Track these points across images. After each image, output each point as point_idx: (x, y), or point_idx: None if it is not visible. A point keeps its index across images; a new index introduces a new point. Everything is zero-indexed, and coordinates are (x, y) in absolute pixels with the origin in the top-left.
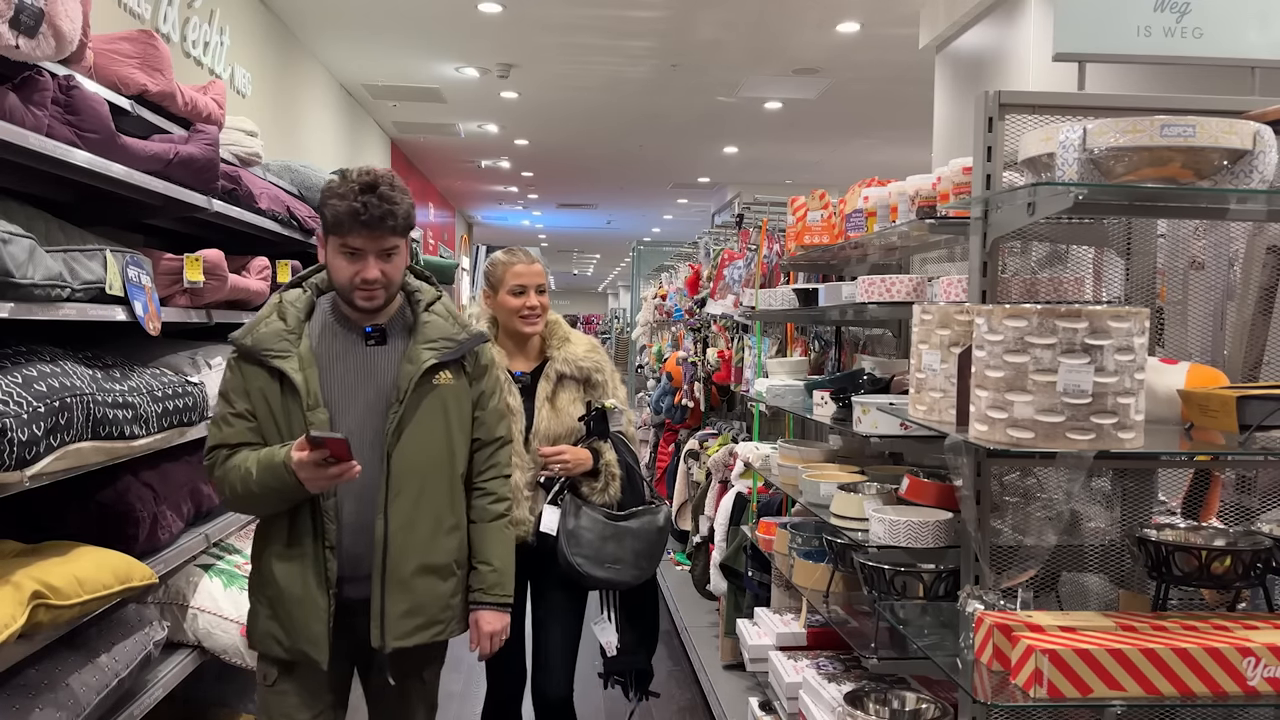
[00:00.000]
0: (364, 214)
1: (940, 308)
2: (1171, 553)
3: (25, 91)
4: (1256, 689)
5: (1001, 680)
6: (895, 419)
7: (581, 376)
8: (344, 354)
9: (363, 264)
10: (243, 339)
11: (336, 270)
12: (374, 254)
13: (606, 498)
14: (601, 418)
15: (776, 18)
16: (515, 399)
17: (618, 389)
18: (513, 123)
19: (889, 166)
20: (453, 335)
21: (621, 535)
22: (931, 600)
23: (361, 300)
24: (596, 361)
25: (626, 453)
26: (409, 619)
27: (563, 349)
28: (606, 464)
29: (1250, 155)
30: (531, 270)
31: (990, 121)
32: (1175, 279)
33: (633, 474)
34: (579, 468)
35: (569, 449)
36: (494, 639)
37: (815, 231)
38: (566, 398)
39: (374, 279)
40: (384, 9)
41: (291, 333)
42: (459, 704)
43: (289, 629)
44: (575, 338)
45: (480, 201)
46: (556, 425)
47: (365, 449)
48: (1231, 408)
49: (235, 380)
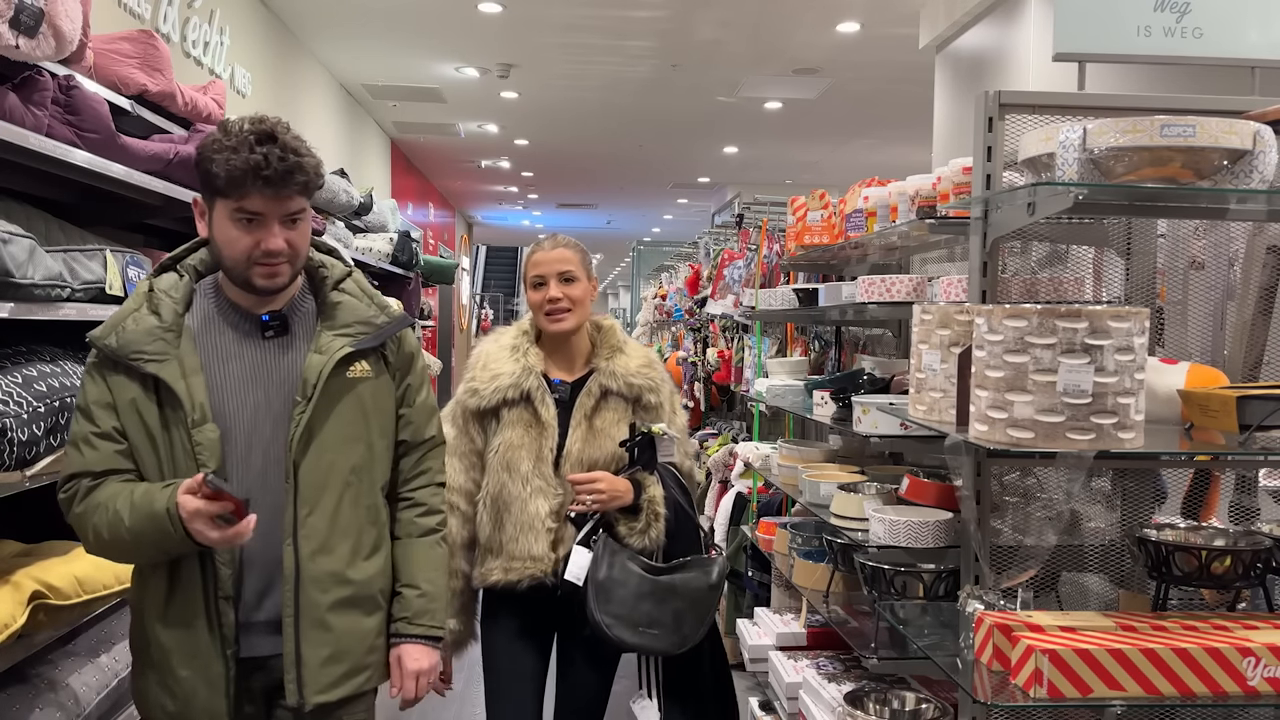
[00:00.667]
0: (266, 168)
1: (940, 308)
2: (1171, 553)
3: (25, 91)
4: (1256, 689)
5: (1001, 680)
6: (895, 419)
7: (631, 395)
8: (235, 351)
9: (264, 232)
10: (104, 339)
11: (229, 243)
12: (277, 219)
13: (646, 542)
14: (648, 444)
15: (776, 18)
16: (549, 410)
17: (675, 414)
18: (513, 123)
19: (889, 166)
20: (369, 318)
21: (663, 593)
22: (931, 600)
23: (262, 279)
24: (651, 379)
25: (677, 490)
26: (332, 666)
27: (612, 360)
28: (649, 500)
29: (1250, 155)
30: (551, 257)
31: (990, 121)
32: (1175, 279)
33: (683, 516)
34: (615, 501)
35: (605, 477)
36: (420, 679)
37: (815, 231)
38: (610, 418)
39: (279, 250)
40: (384, 9)
41: (168, 330)
42: (459, 704)
43: (182, 704)
44: (631, 349)
45: (480, 201)
46: (593, 449)
47: (269, 464)
48: (1231, 408)
49: (97, 391)
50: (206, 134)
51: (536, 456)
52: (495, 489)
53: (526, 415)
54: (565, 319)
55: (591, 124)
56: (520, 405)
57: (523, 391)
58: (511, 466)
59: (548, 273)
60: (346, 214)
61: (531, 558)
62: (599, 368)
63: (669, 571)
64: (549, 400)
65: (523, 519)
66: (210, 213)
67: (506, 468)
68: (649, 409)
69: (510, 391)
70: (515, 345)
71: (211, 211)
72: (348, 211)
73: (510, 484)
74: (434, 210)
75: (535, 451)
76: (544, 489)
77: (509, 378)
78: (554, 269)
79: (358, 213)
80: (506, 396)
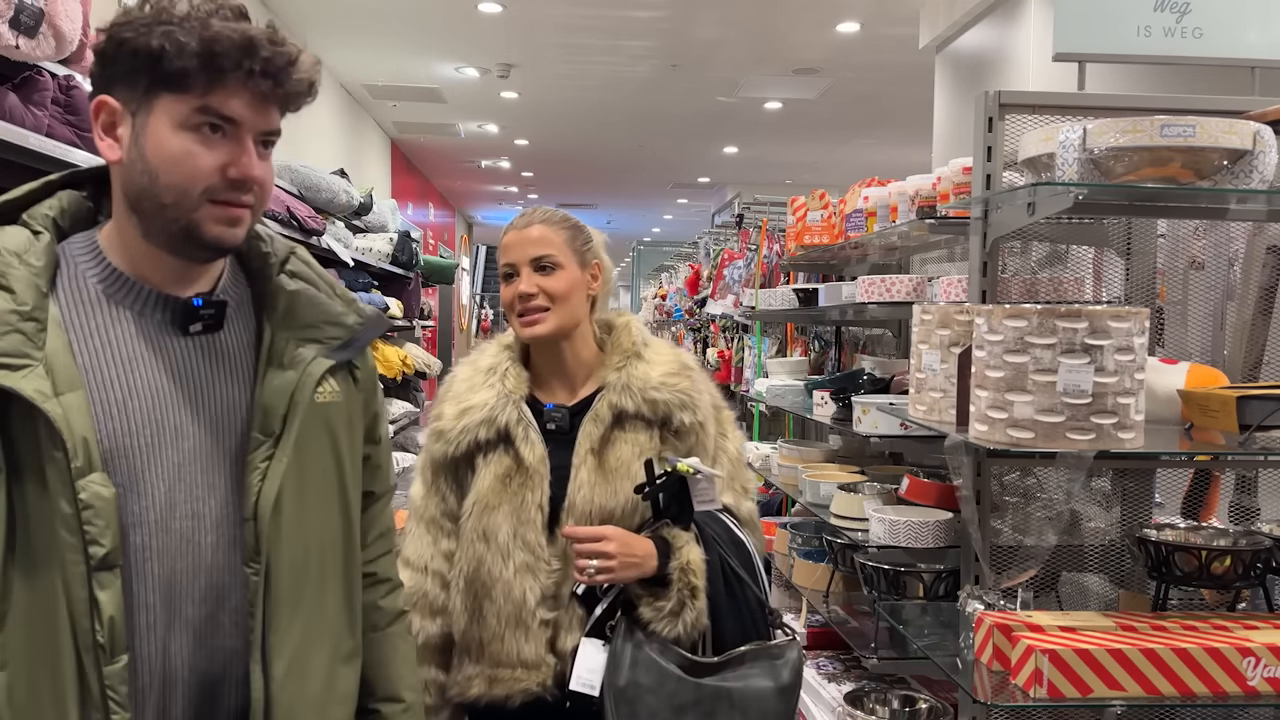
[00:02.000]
0: (267, 50)
1: (940, 308)
2: (1171, 553)
3: (25, 91)
4: (1256, 689)
5: (1001, 680)
6: (895, 419)
7: (656, 416)
8: (139, 353)
9: (238, 150)
10: None
11: (173, 163)
12: (254, 138)
13: (681, 628)
14: (675, 487)
15: (776, 18)
16: (533, 449)
17: (727, 437)
18: (513, 123)
19: (889, 166)
20: (338, 317)
21: (711, 702)
22: (931, 600)
23: (219, 224)
24: (683, 393)
25: (727, 547)
26: None
27: (626, 369)
28: (683, 567)
29: (1250, 155)
30: (522, 239)
31: (990, 121)
32: (1175, 279)
33: (734, 585)
34: (631, 571)
35: (616, 534)
36: None
37: (815, 231)
38: (628, 451)
39: (255, 179)
40: (384, 9)
41: (27, 317)
42: None
43: None
44: (654, 352)
45: (480, 201)
46: (605, 496)
47: (207, 537)
48: (1231, 408)
49: None
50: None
51: (518, 517)
52: (470, 566)
53: (506, 460)
54: (539, 322)
55: (591, 124)
56: (498, 448)
57: (499, 429)
58: (488, 534)
59: (518, 259)
60: (346, 214)
61: (523, 664)
62: (608, 382)
63: (718, 669)
64: (533, 436)
65: (506, 609)
66: (138, 118)
67: (482, 536)
68: (684, 433)
69: (482, 430)
70: (493, 366)
71: (142, 115)
72: (348, 211)
73: (488, 558)
74: (434, 210)
75: (515, 510)
76: (531, 564)
77: (481, 411)
78: (526, 253)
79: (358, 213)
80: (479, 437)
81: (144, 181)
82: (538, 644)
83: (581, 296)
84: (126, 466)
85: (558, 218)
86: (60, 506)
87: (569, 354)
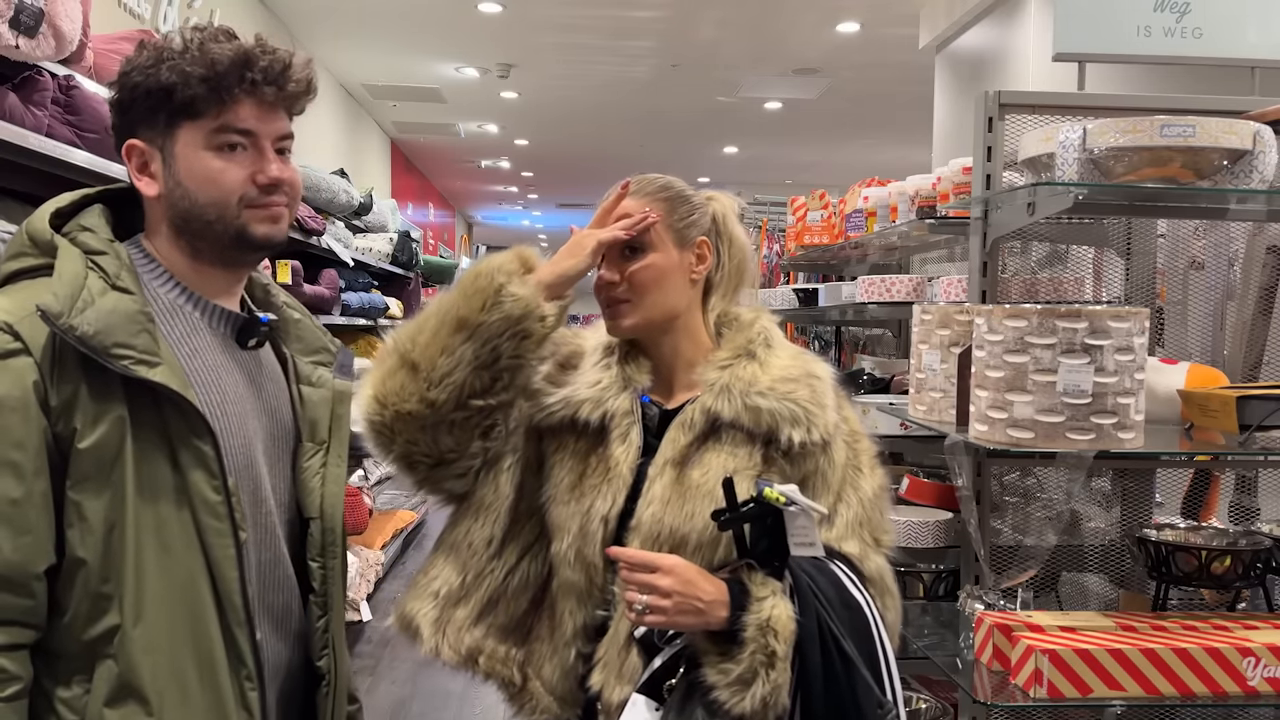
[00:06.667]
0: (263, 60)
1: (940, 308)
2: (1171, 553)
3: (25, 91)
4: (1256, 689)
5: (1001, 680)
6: (895, 419)
7: (760, 428)
8: (223, 362)
9: (259, 157)
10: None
11: (209, 180)
12: (270, 142)
13: (749, 704)
14: (765, 519)
15: (776, 18)
16: (627, 449)
17: (860, 476)
18: (513, 123)
19: (889, 166)
20: (325, 342)
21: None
22: (931, 600)
23: (264, 223)
24: (798, 402)
25: (833, 613)
26: None
27: (733, 368)
28: (763, 625)
29: (1250, 155)
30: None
31: (990, 121)
32: (1175, 279)
33: (835, 664)
34: (688, 617)
35: (674, 566)
36: None
37: (815, 231)
38: (718, 466)
39: (283, 180)
40: (384, 9)
41: (152, 319)
42: (459, 704)
43: None
44: (773, 354)
45: (480, 201)
46: (679, 518)
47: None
48: (1231, 408)
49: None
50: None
51: (579, 525)
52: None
53: (592, 456)
54: (620, 315)
55: (591, 124)
56: (587, 435)
57: (605, 414)
58: (557, 533)
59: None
60: (346, 214)
61: (546, 688)
62: (707, 382)
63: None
64: (634, 435)
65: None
66: (166, 151)
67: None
68: (797, 457)
69: (585, 408)
70: (609, 344)
71: (169, 147)
72: (348, 211)
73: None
74: (434, 210)
75: (581, 515)
76: (576, 584)
77: (590, 389)
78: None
79: (358, 213)
80: (579, 415)
81: (186, 205)
82: (566, 674)
83: (680, 283)
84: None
85: (653, 186)
86: (206, 494)
87: (668, 350)
